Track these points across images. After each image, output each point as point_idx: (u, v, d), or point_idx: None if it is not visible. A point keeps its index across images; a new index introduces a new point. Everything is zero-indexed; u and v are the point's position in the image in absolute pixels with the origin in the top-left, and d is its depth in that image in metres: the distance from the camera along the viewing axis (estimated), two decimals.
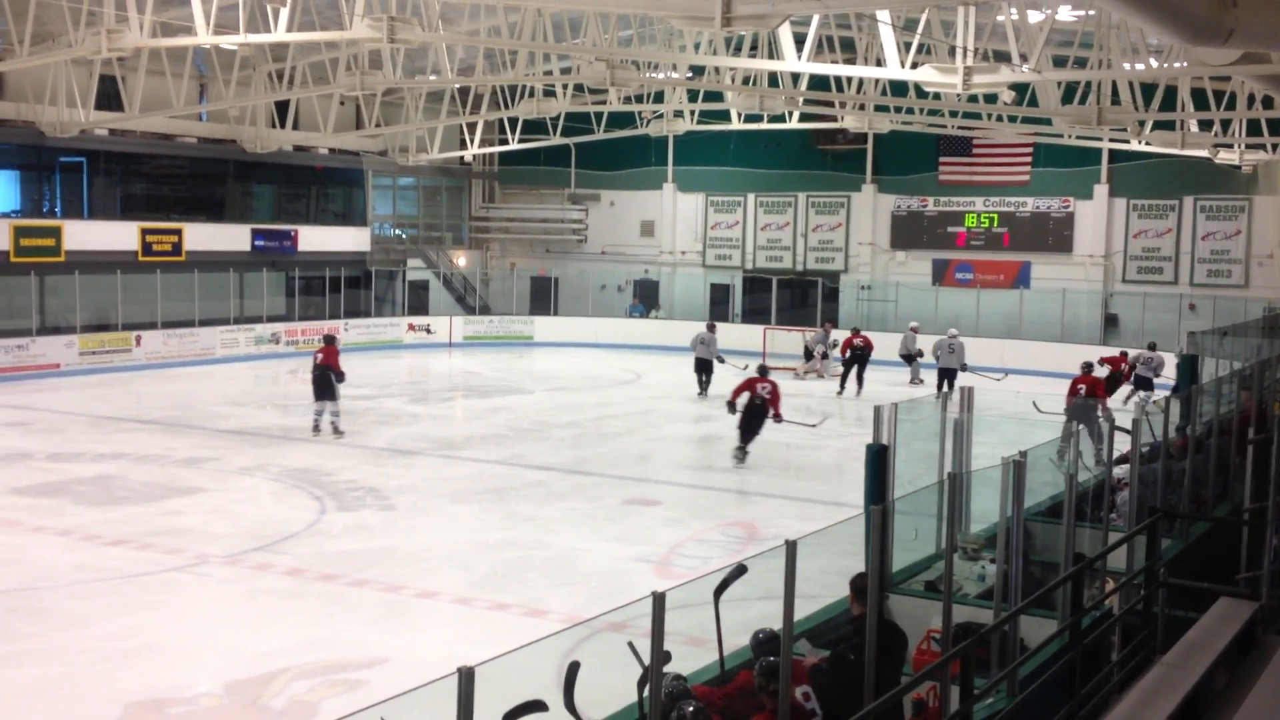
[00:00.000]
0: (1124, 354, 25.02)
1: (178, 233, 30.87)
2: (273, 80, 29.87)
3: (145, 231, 30.15)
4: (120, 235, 29.67)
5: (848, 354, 27.43)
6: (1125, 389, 24.53)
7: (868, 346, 27.32)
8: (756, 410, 18.67)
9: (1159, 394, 21.84)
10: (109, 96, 27.62)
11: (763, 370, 19.89)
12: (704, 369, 26.05)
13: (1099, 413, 17.15)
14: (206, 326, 30.42)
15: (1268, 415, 12.02)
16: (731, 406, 19.00)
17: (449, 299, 37.98)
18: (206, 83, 30.70)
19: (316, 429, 20.15)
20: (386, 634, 10.69)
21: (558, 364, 31.92)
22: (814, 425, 20.56)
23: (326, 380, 20.01)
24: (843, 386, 27.08)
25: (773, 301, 36.23)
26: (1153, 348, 25.42)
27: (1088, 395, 17.97)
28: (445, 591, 12.01)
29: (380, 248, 36.79)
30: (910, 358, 28.91)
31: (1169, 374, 24.52)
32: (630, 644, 5.51)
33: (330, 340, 21.12)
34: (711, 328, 27.49)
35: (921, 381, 27.93)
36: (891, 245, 35.16)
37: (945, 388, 24.63)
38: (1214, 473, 11.96)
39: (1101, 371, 22.79)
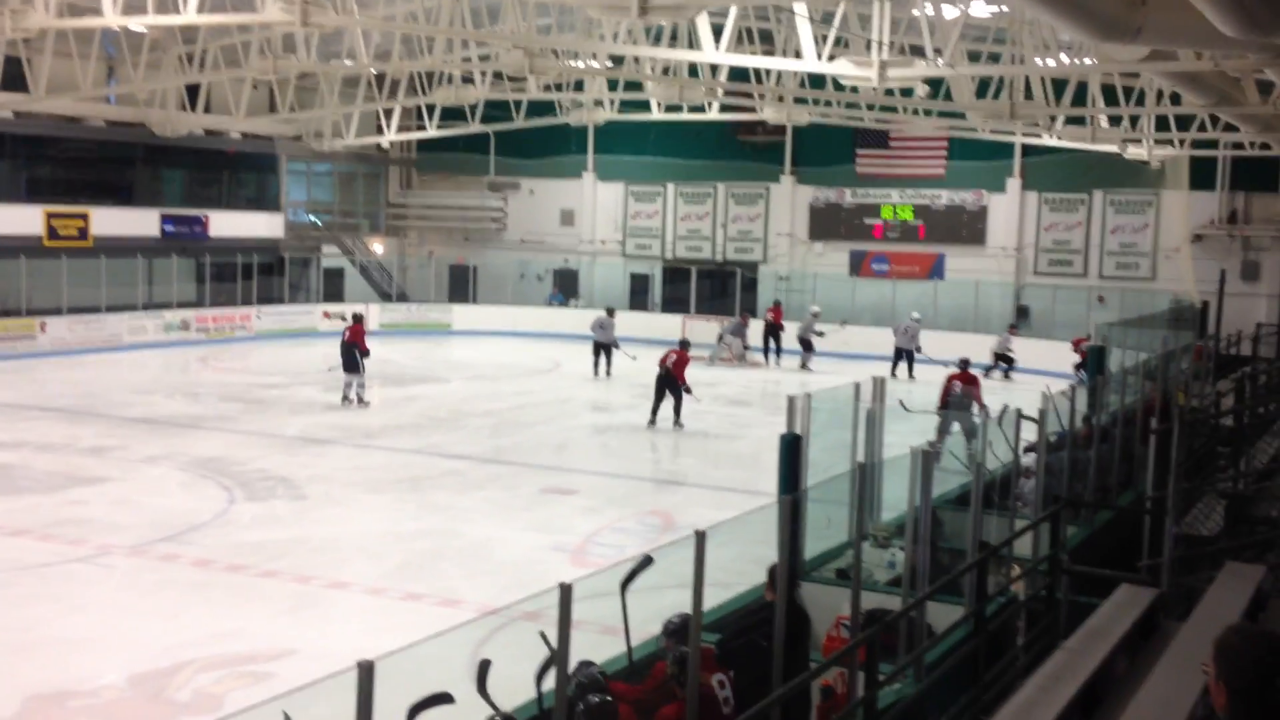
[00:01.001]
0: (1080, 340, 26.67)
1: (84, 217, 30.15)
2: (183, 63, 29.21)
3: (51, 216, 29.41)
4: (25, 219, 28.91)
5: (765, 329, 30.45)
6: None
7: (776, 321, 30.57)
8: (659, 379, 20.73)
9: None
10: (14, 78, 26.76)
11: (684, 344, 21.67)
12: (602, 351, 26.95)
13: (974, 409, 17.43)
14: (114, 313, 29.76)
15: (1171, 405, 12.32)
16: (686, 389, 20.77)
17: (365, 286, 37.50)
18: (115, 65, 29.91)
19: (345, 399, 22.00)
20: (296, 625, 10.53)
21: (476, 353, 31.70)
22: (633, 358, 25.35)
23: (351, 355, 21.91)
24: (766, 360, 30.03)
25: (692, 291, 36.31)
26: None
27: (963, 392, 18.23)
28: (357, 582, 11.86)
29: (294, 234, 36.21)
30: (807, 343, 29.31)
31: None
32: (542, 634, 5.47)
33: (358, 319, 22.75)
34: (610, 312, 28.05)
35: (810, 370, 28.64)
36: (809, 236, 35.41)
37: (901, 369, 26.81)
38: (1118, 462, 12.23)
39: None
